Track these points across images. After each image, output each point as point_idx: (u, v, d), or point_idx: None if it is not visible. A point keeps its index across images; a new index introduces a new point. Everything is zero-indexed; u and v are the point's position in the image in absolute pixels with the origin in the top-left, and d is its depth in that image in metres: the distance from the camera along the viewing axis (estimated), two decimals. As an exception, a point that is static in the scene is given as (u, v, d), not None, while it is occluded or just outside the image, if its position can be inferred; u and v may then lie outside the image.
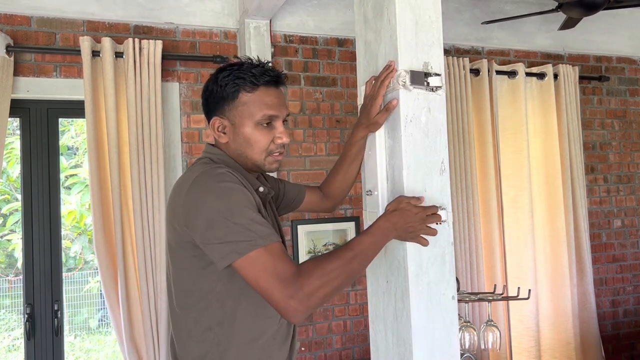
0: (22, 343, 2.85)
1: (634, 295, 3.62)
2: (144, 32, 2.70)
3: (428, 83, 1.38)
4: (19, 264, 5.08)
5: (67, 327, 5.25)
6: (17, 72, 2.47)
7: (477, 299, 2.34)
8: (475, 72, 3.13)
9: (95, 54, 2.47)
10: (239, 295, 1.27)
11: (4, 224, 5.33)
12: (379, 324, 1.49)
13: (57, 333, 2.54)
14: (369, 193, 1.49)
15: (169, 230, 1.32)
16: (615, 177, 3.64)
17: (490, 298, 2.33)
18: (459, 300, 2.22)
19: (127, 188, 2.49)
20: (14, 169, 5.17)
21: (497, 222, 3.07)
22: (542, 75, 3.26)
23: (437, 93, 1.40)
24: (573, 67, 3.35)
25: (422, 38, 1.40)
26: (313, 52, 3.00)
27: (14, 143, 4.79)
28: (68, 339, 5.31)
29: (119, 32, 2.66)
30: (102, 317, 5.65)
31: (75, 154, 5.75)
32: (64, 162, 5.52)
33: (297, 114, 2.94)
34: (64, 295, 2.65)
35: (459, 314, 2.19)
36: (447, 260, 1.37)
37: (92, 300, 5.68)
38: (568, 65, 3.32)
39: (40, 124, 2.57)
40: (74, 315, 5.56)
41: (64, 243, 5.26)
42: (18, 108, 2.51)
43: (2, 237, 5.45)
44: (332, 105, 3.02)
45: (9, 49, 2.41)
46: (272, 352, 1.31)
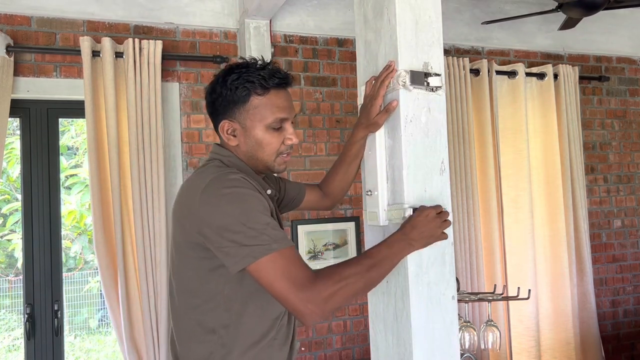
0: (22, 343, 2.85)
1: (634, 295, 3.62)
2: (144, 32, 2.70)
3: (428, 83, 1.38)
4: (19, 264, 5.08)
5: (67, 327, 5.25)
6: (17, 72, 2.47)
7: (477, 299, 2.33)
8: (475, 72, 3.13)
9: (95, 54, 2.47)
10: (247, 299, 1.27)
11: (4, 224, 5.33)
12: (379, 324, 1.49)
13: (57, 333, 2.53)
14: (369, 193, 1.49)
15: (178, 229, 1.31)
16: (615, 177, 3.64)
17: (490, 298, 2.33)
18: (459, 300, 2.22)
19: (127, 188, 2.49)
20: (14, 169, 5.17)
21: (497, 222, 3.07)
22: (542, 76, 3.26)
23: (437, 93, 1.40)
24: (573, 67, 3.35)
25: (422, 38, 1.40)
26: (313, 52, 3.00)
27: (14, 143, 4.79)
28: (68, 339, 5.31)
29: (119, 32, 2.66)
30: (102, 317, 5.65)
31: (75, 154, 5.75)
32: (64, 162, 5.52)
33: (297, 114, 2.93)
34: (64, 295, 2.65)
35: (459, 314, 2.19)
36: (447, 260, 1.37)
37: (92, 300, 5.68)
38: (568, 66, 3.32)
39: (40, 124, 2.57)
40: (74, 315, 5.56)
41: (64, 243, 5.26)
42: (18, 108, 2.51)
43: (2, 237, 5.45)
44: (332, 105, 3.02)
45: (9, 49, 2.41)
46: (272, 353, 1.31)
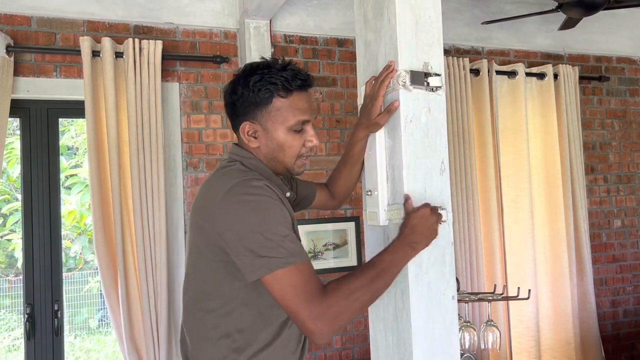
0: (22, 343, 2.85)
1: (634, 295, 3.62)
2: (144, 32, 2.70)
3: (428, 83, 1.38)
4: (19, 264, 5.08)
5: (67, 327, 5.25)
6: (17, 72, 2.47)
7: (477, 299, 2.33)
8: (475, 72, 3.13)
9: (95, 54, 2.47)
10: (263, 305, 1.27)
11: (4, 224, 5.33)
12: (379, 324, 1.48)
13: (57, 333, 2.53)
14: (369, 193, 1.49)
15: (196, 230, 1.31)
16: (615, 177, 3.64)
17: (490, 298, 2.33)
18: (459, 300, 2.22)
19: (127, 188, 2.49)
20: (14, 169, 5.17)
21: (497, 222, 3.07)
22: (542, 76, 3.26)
23: (437, 93, 1.40)
24: (573, 67, 3.35)
25: (422, 38, 1.40)
26: (313, 52, 3.00)
27: (14, 143, 4.79)
28: (68, 339, 5.31)
29: (119, 32, 2.66)
30: (102, 317, 5.65)
31: (75, 154, 5.75)
32: (64, 162, 5.52)
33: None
34: (64, 295, 2.65)
35: (459, 314, 2.19)
36: (447, 260, 1.37)
37: (92, 300, 5.68)
38: (568, 66, 3.32)
39: (40, 124, 2.57)
40: (74, 315, 5.56)
41: (64, 243, 5.26)
42: (18, 108, 2.51)
43: (2, 237, 5.45)
44: (332, 105, 3.02)
45: (9, 49, 2.41)
46: (285, 355, 1.31)
